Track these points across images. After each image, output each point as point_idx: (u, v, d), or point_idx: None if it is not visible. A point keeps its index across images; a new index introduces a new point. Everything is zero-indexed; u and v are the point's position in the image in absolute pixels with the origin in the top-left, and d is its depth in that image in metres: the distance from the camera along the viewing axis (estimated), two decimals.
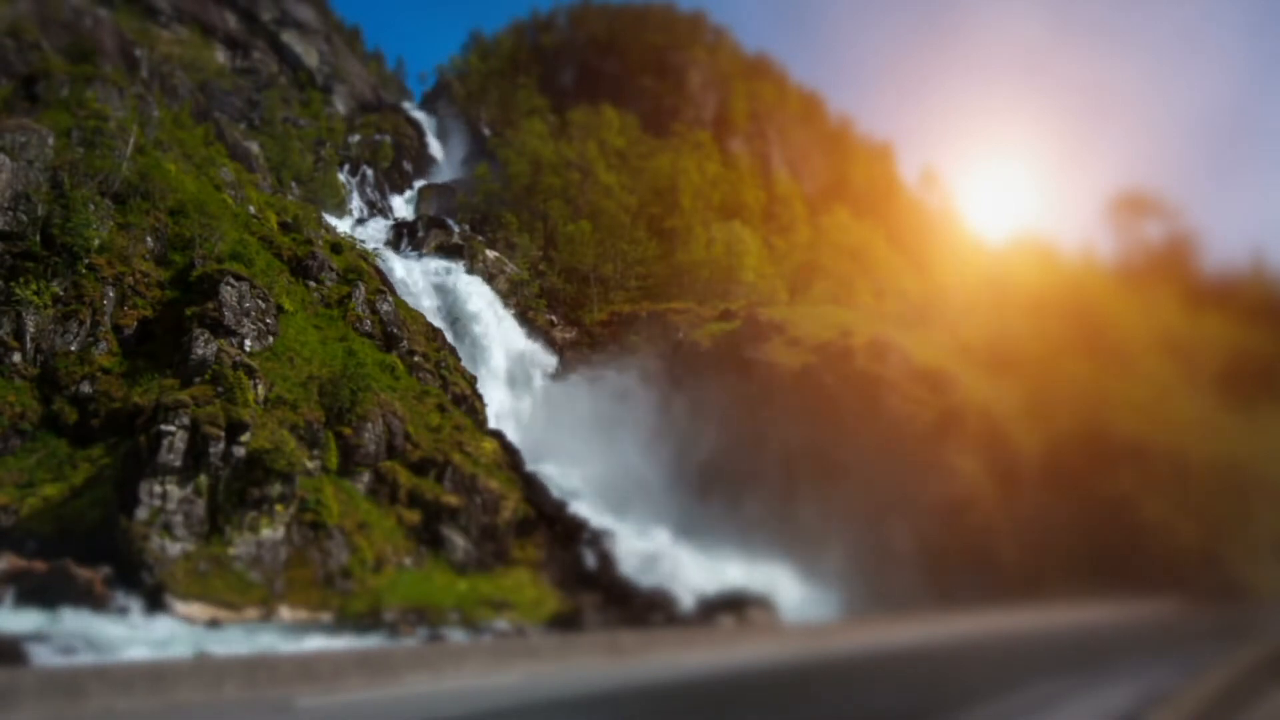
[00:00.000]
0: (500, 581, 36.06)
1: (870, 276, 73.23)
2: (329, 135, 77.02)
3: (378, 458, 37.84)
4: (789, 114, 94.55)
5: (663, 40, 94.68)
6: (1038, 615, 39.16)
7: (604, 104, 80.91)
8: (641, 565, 38.74)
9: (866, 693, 20.11)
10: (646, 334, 58.13)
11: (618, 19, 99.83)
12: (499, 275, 61.40)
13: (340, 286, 46.32)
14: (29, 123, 41.82)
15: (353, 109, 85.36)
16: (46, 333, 37.60)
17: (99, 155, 42.21)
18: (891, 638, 31.58)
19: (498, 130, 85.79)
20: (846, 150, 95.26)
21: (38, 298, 37.46)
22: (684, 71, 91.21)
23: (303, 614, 31.01)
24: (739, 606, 33.83)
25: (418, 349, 45.73)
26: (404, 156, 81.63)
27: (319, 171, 71.47)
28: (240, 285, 39.39)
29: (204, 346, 36.59)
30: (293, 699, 16.14)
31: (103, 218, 40.74)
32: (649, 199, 72.34)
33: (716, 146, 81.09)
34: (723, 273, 66.95)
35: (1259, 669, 20.04)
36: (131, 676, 15.38)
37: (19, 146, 39.83)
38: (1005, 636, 33.76)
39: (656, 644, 25.54)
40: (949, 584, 41.86)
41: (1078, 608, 41.78)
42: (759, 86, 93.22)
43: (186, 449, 31.98)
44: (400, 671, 18.60)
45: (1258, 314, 69.95)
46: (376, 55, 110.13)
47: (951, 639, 32.16)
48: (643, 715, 16.96)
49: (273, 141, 70.35)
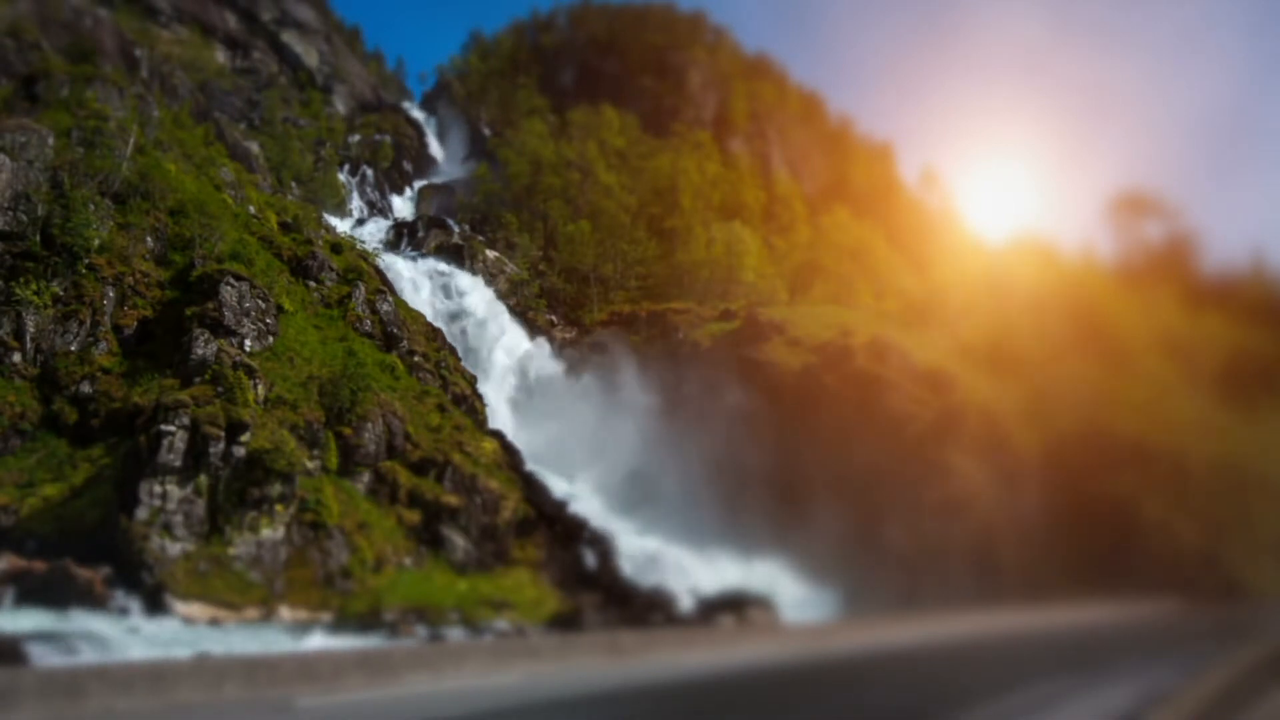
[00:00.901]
0: (500, 581, 36.05)
1: (870, 276, 73.22)
2: (329, 135, 77.02)
3: (378, 458, 37.83)
4: (789, 114, 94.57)
5: (663, 40, 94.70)
6: (1038, 615, 39.15)
7: (604, 104, 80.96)
8: (641, 565, 38.73)
9: (866, 693, 20.11)
10: (646, 334, 58.14)
11: (618, 19, 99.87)
12: (499, 275, 61.40)
13: (340, 286, 46.32)
14: (29, 123, 41.82)
15: (353, 109, 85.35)
16: (46, 333, 37.60)
17: (99, 155, 42.21)
18: (891, 638, 31.58)
19: (498, 130, 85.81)
20: (846, 150, 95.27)
21: (38, 298, 37.45)
22: (684, 71, 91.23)
23: (303, 614, 31.00)
24: (739, 606, 33.81)
25: (418, 349, 45.74)
26: (404, 156, 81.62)
27: (319, 171, 71.46)
28: (240, 285, 39.39)
29: (204, 346, 36.59)
30: (293, 699, 16.14)
31: (103, 218, 40.74)
32: (649, 199, 72.37)
33: (716, 146, 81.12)
34: (723, 273, 66.96)
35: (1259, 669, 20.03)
36: (131, 676, 15.37)
37: (19, 146, 39.83)
38: (1005, 636, 33.75)
39: (656, 644, 25.54)
40: (949, 584, 41.86)
41: (1078, 608, 41.76)
42: (759, 86, 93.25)
43: (186, 449, 31.98)
44: (400, 671, 18.60)
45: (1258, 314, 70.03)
46: (376, 55, 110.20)
47: (951, 639, 32.15)
48: (643, 715, 16.95)
49: (273, 141, 70.35)
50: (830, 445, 47.29)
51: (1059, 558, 44.85)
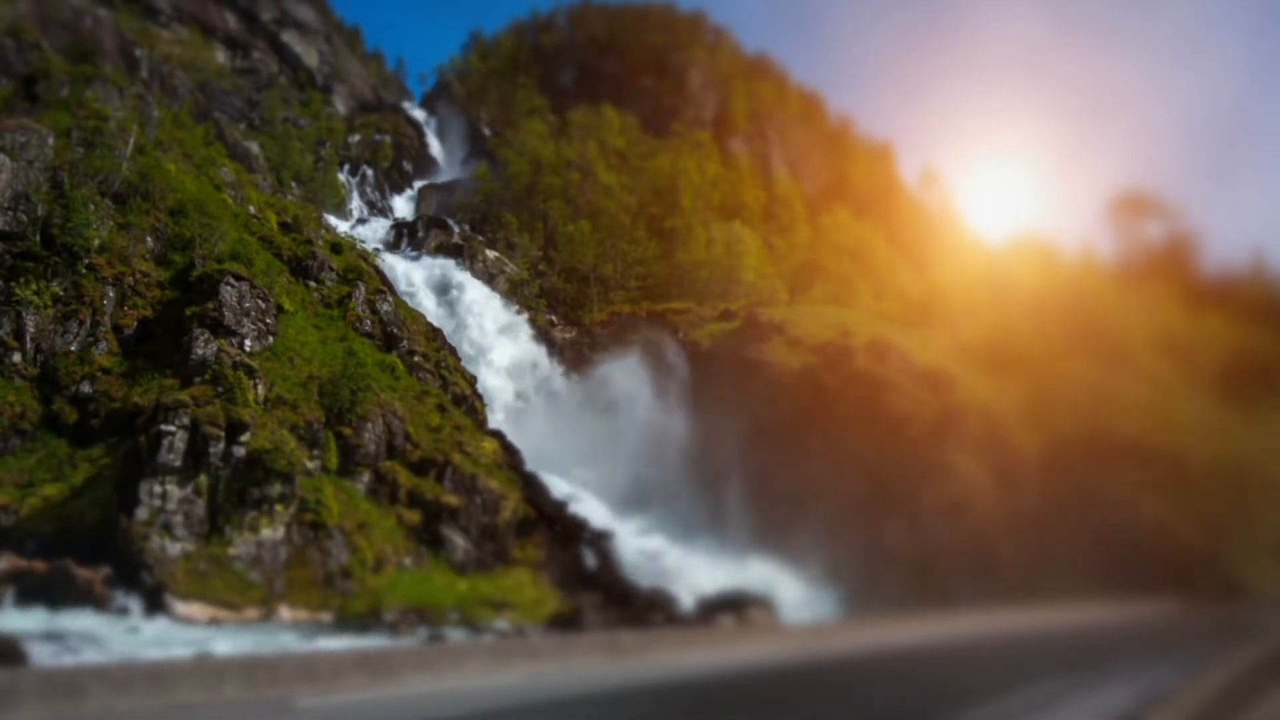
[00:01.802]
0: (500, 581, 36.04)
1: (870, 276, 73.23)
2: (329, 135, 77.03)
3: (378, 458, 37.83)
4: (789, 114, 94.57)
5: (663, 40, 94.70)
6: (1038, 615, 39.15)
7: (604, 104, 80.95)
8: (641, 565, 38.72)
9: (866, 693, 20.10)
10: (646, 334, 58.13)
11: (618, 19, 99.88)
12: (499, 275, 61.40)
13: (340, 286, 46.32)
14: (29, 123, 41.83)
15: (353, 109, 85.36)
16: (46, 333, 37.60)
17: (99, 155, 42.21)
18: (891, 638, 31.57)
19: (498, 130, 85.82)
20: (846, 150, 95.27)
21: (38, 298, 37.45)
22: (684, 71, 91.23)
23: (303, 614, 31.00)
24: (739, 606, 33.80)
25: (418, 349, 45.73)
26: (404, 156, 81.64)
27: (319, 171, 71.47)
28: (240, 285, 39.38)
29: (204, 346, 36.58)
30: (293, 699, 16.13)
31: (103, 218, 40.73)
32: (649, 199, 72.36)
33: (716, 146, 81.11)
34: (723, 273, 66.95)
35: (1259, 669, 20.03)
36: (131, 676, 15.36)
37: (19, 146, 39.83)
38: (1005, 636, 33.74)
39: (656, 644, 25.52)
40: (949, 584, 41.85)
41: (1078, 608, 41.76)
42: (759, 86, 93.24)
43: (186, 449, 31.97)
44: (400, 671, 18.59)
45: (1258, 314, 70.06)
46: (376, 55, 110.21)
47: (951, 639, 32.14)
48: (643, 715, 16.95)
49: (273, 141, 70.35)
50: (830, 445, 47.27)
51: (1059, 558, 44.84)
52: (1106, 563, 45.34)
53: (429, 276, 58.36)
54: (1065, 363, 57.28)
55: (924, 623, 35.09)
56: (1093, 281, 73.28)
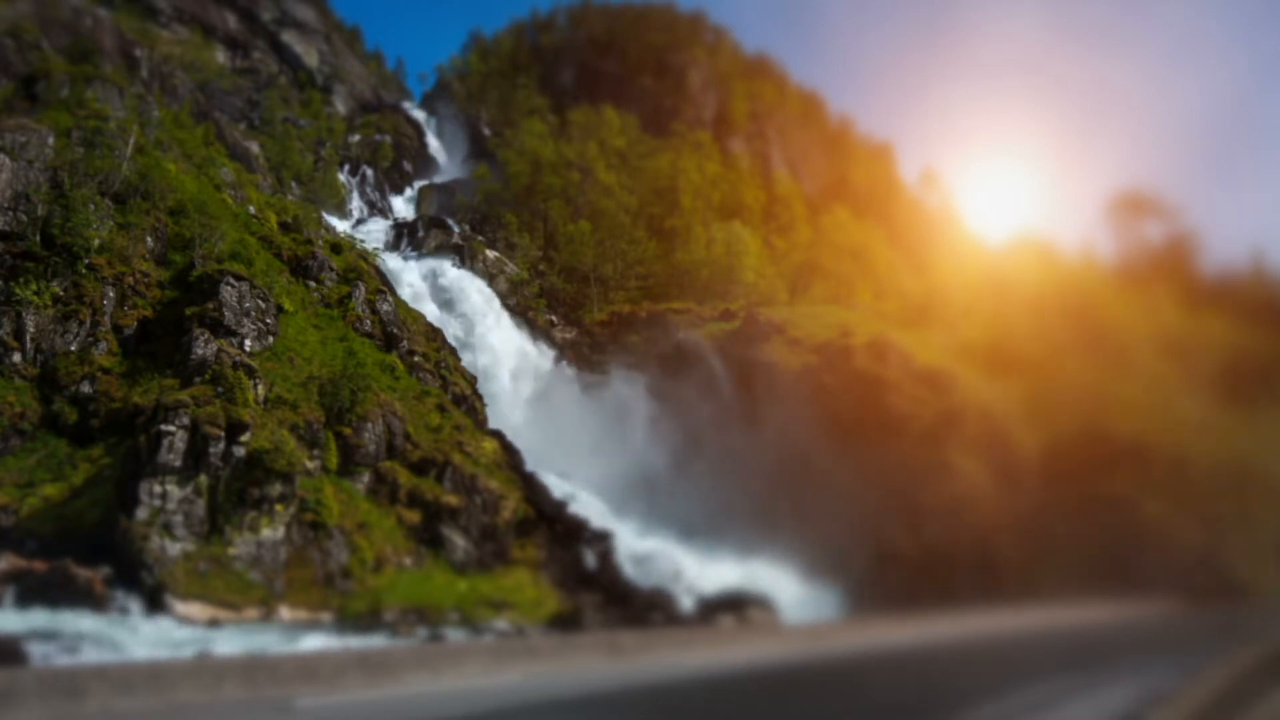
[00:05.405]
0: (500, 581, 36.04)
1: (870, 276, 73.29)
2: (329, 135, 77.03)
3: (378, 458, 37.82)
4: (789, 114, 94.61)
5: (663, 40, 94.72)
6: (1038, 615, 39.15)
7: (604, 104, 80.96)
8: (641, 565, 38.71)
9: (866, 693, 20.10)
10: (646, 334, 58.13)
11: (618, 19, 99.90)
12: (499, 275, 61.40)
13: (340, 286, 46.32)
14: (29, 123, 41.83)
15: (353, 109, 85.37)
16: (46, 333, 37.59)
17: (99, 155, 42.21)
18: (891, 638, 31.57)
19: (498, 130, 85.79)
20: (846, 150, 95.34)
21: (38, 298, 37.44)
22: (684, 71, 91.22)
23: (303, 614, 30.99)
24: (739, 606, 33.82)
25: (418, 349, 45.73)
26: (404, 156, 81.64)
27: (319, 171, 71.47)
28: (240, 285, 39.38)
29: (204, 346, 36.57)
30: (293, 699, 16.13)
31: (103, 218, 40.73)
32: (649, 199, 72.37)
33: (716, 146, 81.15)
34: (723, 273, 66.96)
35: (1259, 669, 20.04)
36: (131, 676, 15.36)
37: (19, 146, 39.83)
38: (1005, 636, 33.75)
39: (656, 644, 25.52)
40: (949, 584, 41.85)
41: (1078, 608, 41.77)
42: (759, 86, 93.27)
43: (186, 449, 31.94)
44: (400, 671, 18.59)
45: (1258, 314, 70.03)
46: (376, 55, 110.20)
47: (951, 639, 32.15)
48: (643, 715, 16.95)
49: (273, 141, 70.35)
50: (830, 445, 47.28)
51: (1059, 558, 44.85)
52: (1106, 563, 45.36)
53: (429, 277, 58.34)
54: (1065, 363, 57.27)
55: (924, 622, 35.10)
56: (1093, 282, 73.28)
